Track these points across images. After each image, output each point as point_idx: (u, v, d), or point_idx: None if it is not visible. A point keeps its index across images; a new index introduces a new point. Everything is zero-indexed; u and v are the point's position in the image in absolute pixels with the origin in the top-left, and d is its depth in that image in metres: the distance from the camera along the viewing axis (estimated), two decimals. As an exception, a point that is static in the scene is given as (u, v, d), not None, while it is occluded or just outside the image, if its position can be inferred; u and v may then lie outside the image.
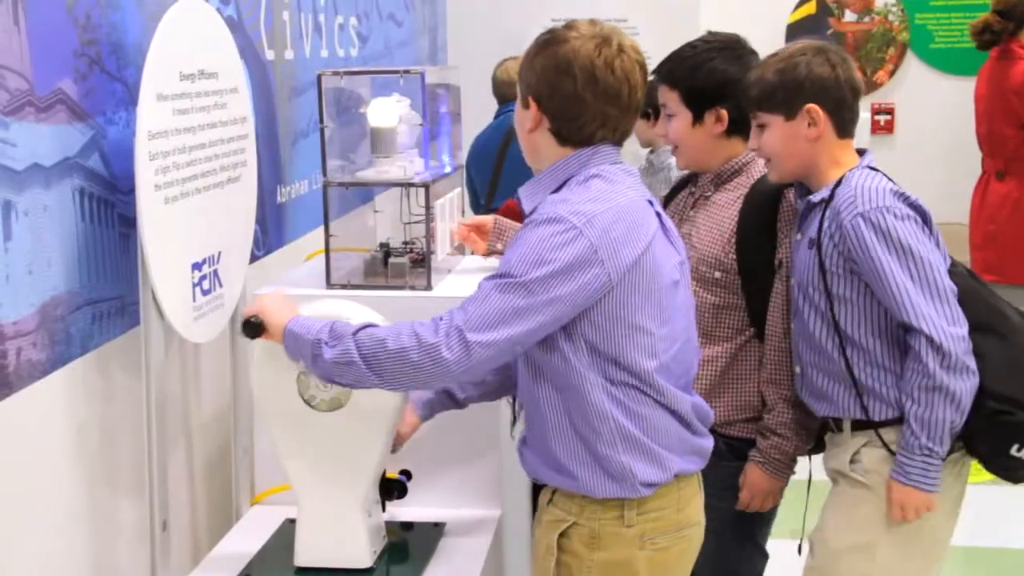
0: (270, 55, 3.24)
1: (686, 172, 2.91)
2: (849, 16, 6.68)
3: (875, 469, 2.51)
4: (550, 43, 2.16)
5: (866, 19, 6.66)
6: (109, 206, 2.28)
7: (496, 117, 4.87)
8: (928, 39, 6.62)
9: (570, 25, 2.18)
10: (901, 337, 2.45)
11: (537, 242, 2.04)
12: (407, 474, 2.45)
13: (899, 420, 2.46)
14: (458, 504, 2.59)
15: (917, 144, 6.59)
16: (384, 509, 2.41)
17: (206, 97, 2.42)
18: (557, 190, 2.16)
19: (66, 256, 2.12)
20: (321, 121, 2.67)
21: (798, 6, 6.65)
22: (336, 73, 2.76)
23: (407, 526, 2.53)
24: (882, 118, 6.64)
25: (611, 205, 2.10)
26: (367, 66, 4.29)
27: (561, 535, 2.22)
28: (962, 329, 2.40)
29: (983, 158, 5.13)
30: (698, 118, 2.73)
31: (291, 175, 3.40)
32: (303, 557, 2.34)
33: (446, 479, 2.61)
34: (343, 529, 2.32)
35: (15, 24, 1.96)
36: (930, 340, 2.37)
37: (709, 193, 2.78)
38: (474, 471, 2.62)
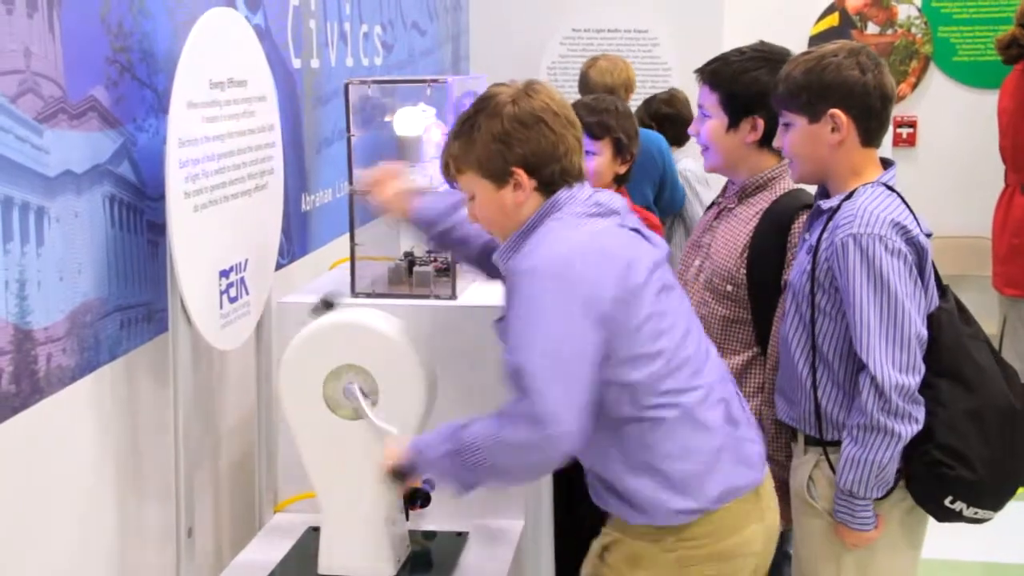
0: (296, 63, 3.25)
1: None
2: (872, 28, 6.66)
3: (825, 495, 2.48)
4: (492, 113, 2.15)
5: (889, 32, 6.64)
6: (138, 213, 2.29)
7: None
8: (951, 52, 6.60)
9: (489, 95, 2.20)
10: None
11: (527, 303, 2.04)
12: (431, 483, 2.45)
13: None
14: (481, 514, 2.59)
15: (939, 157, 6.57)
16: (407, 518, 2.42)
17: (235, 105, 2.43)
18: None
19: (96, 262, 2.13)
20: (348, 129, 2.68)
21: (821, 18, 6.64)
22: (364, 82, 2.77)
23: (430, 535, 2.53)
24: (904, 131, 6.62)
25: (577, 240, 2.11)
26: (391, 74, 4.30)
27: (605, 548, 2.24)
28: (911, 379, 2.33)
29: (1006, 172, 5.10)
30: (733, 124, 2.72)
31: (315, 183, 3.41)
32: (326, 565, 2.35)
33: (469, 489, 2.61)
34: (366, 538, 2.33)
35: (49, 32, 1.97)
36: (873, 381, 2.32)
37: (732, 205, 2.77)
38: (497, 481, 2.62)
